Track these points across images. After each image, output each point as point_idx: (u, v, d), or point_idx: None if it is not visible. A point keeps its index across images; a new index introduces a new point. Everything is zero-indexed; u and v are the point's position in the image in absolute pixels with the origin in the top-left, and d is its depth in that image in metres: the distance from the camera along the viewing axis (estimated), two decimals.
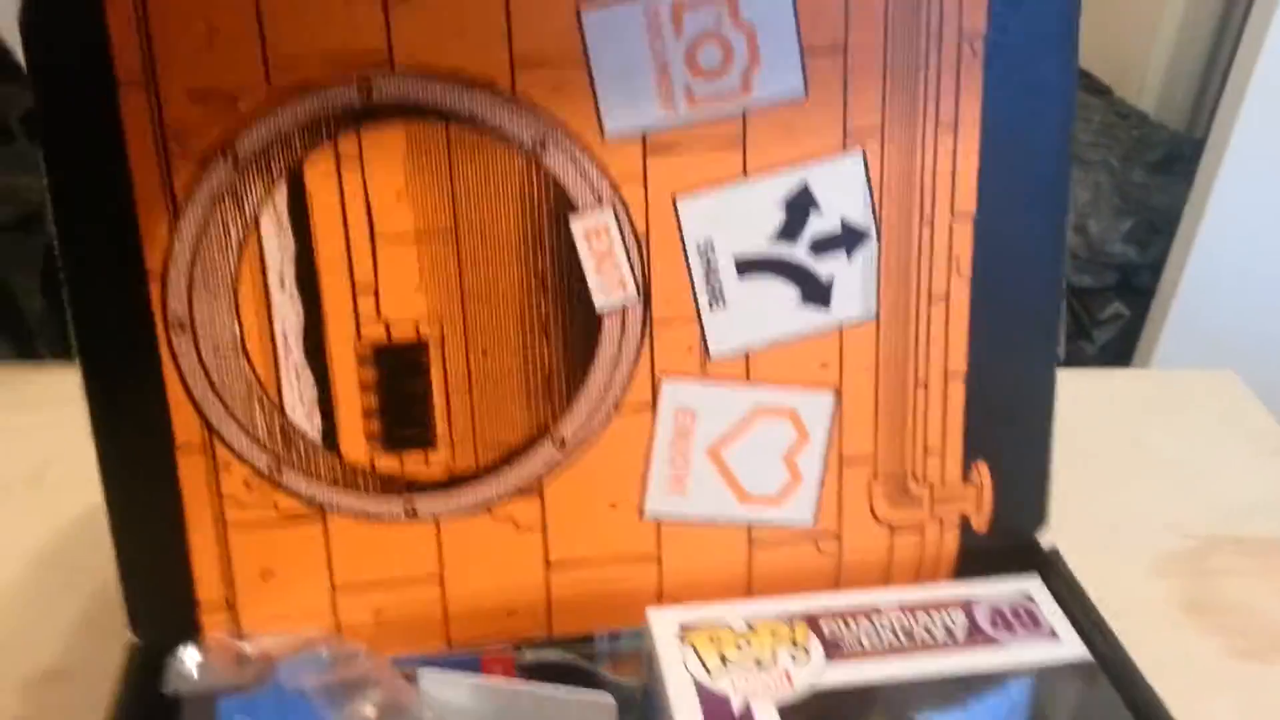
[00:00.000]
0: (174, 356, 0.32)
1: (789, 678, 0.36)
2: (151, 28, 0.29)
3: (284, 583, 0.35)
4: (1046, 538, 0.42)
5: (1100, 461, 0.64)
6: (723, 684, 0.35)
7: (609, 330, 0.35)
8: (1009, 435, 0.40)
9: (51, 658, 0.46)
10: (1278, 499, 0.61)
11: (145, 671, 0.33)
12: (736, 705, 0.34)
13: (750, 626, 0.37)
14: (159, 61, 0.30)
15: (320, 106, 0.31)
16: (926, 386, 0.38)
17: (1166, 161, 1.17)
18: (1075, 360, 1.15)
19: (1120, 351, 1.18)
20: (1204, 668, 0.50)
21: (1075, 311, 1.16)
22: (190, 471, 0.33)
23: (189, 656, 0.34)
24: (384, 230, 0.32)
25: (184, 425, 0.32)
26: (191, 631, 0.34)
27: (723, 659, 0.36)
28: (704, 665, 0.36)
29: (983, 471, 0.40)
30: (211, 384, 0.32)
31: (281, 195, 0.31)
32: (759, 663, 0.36)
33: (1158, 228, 1.14)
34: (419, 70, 0.31)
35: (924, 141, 0.36)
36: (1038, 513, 0.41)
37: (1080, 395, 0.67)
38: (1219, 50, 1.25)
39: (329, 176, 0.32)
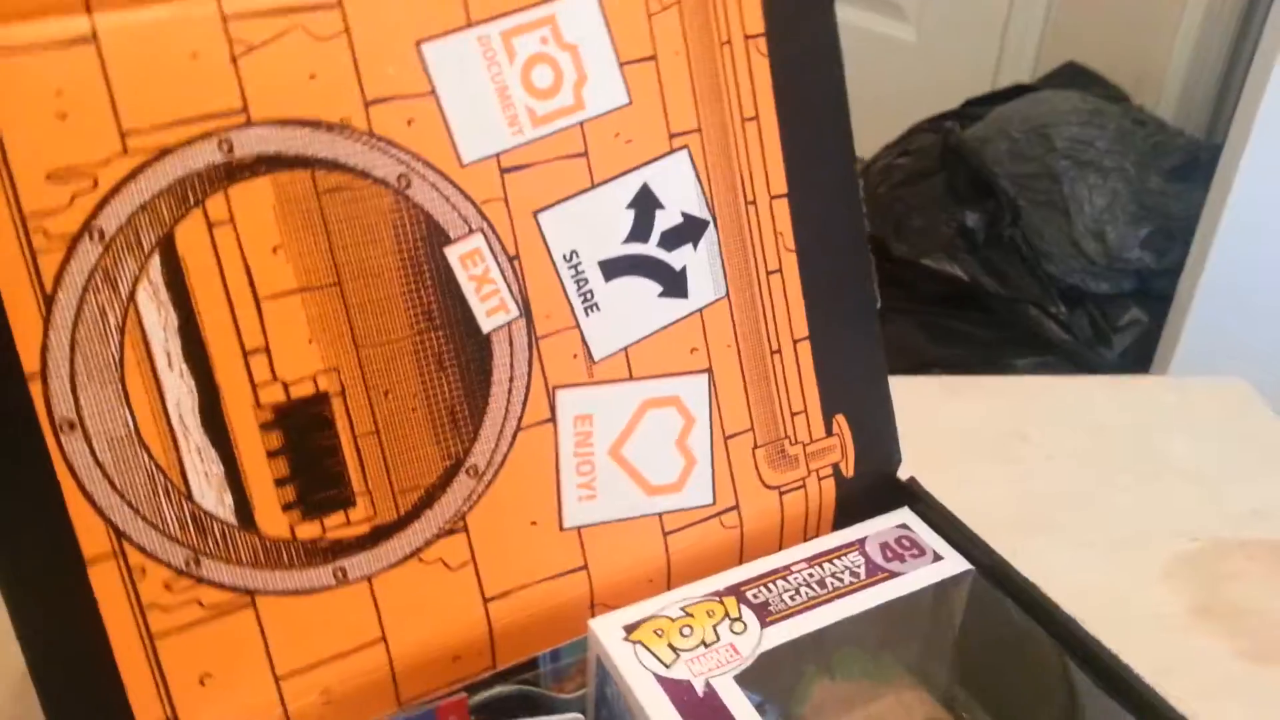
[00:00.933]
0: (66, 460, 0.29)
1: (735, 649, 0.37)
2: None
3: (224, 683, 0.32)
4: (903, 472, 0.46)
5: (1114, 467, 0.65)
6: (679, 670, 0.36)
7: (499, 351, 0.36)
8: (855, 386, 0.44)
9: None
10: None
11: None
12: (699, 686, 0.36)
13: (686, 612, 0.38)
14: (9, 148, 0.28)
15: (183, 169, 0.30)
16: (780, 353, 0.42)
17: (1184, 168, 1.15)
18: (1095, 367, 1.12)
19: (1139, 357, 1.16)
20: (1213, 671, 0.51)
21: (1093, 318, 1.14)
22: (104, 584, 0.30)
23: None
24: (266, 288, 0.32)
25: (90, 535, 0.30)
26: None
27: (672, 648, 0.37)
28: (657, 658, 0.36)
29: (841, 423, 0.44)
30: (112, 483, 0.30)
31: (155, 268, 0.30)
32: (705, 643, 0.37)
33: (1175, 234, 1.12)
34: (276, 120, 0.31)
35: (734, 135, 0.40)
36: (894, 452, 0.45)
37: (1096, 403, 0.71)
38: (1237, 57, 1.23)
39: (202, 241, 0.31)
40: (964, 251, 1.14)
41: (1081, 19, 1.44)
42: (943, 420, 0.68)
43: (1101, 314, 1.13)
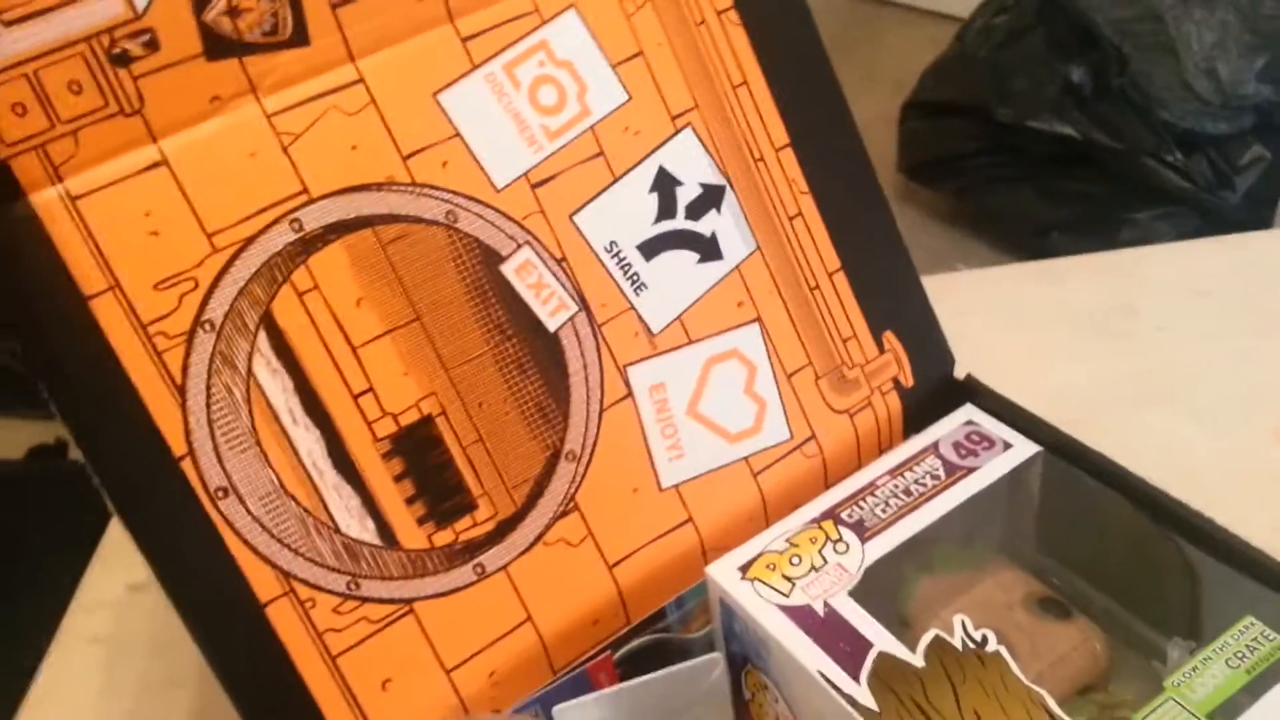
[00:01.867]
0: (227, 521, 0.34)
1: (843, 568, 0.41)
2: (100, 245, 0.32)
3: (403, 685, 0.36)
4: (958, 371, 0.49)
5: (1226, 331, 0.63)
6: (798, 597, 0.40)
7: (569, 345, 0.40)
8: (895, 302, 0.47)
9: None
10: None
11: None
12: (819, 608, 0.39)
13: (791, 543, 0.42)
14: (117, 270, 0.33)
15: (266, 253, 0.35)
16: (819, 288, 0.45)
17: None
18: (1218, 212, 1.08)
19: (1265, 197, 1.11)
20: None
21: (1213, 161, 1.09)
22: (282, 619, 0.35)
23: None
24: (359, 337, 0.36)
25: (260, 580, 0.34)
26: None
27: (786, 579, 0.40)
28: (775, 590, 0.40)
29: (890, 338, 0.47)
30: (270, 533, 0.35)
31: (264, 342, 0.35)
32: (814, 568, 0.41)
33: None
34: (333, 192, 0.36)
35: (729, 102, 0.43)
36: (946, 354, 0.48)
37: (1204, 265, 0.68)
38: None
39: (296, 310, 0.35)
40: (1072, 108, 1.09)
41: None
42: (1048, 305, 0.67)
43: (1221, 156, 1.08)
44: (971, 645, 0.37)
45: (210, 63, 0.34)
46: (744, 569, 0.41)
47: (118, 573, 0.53)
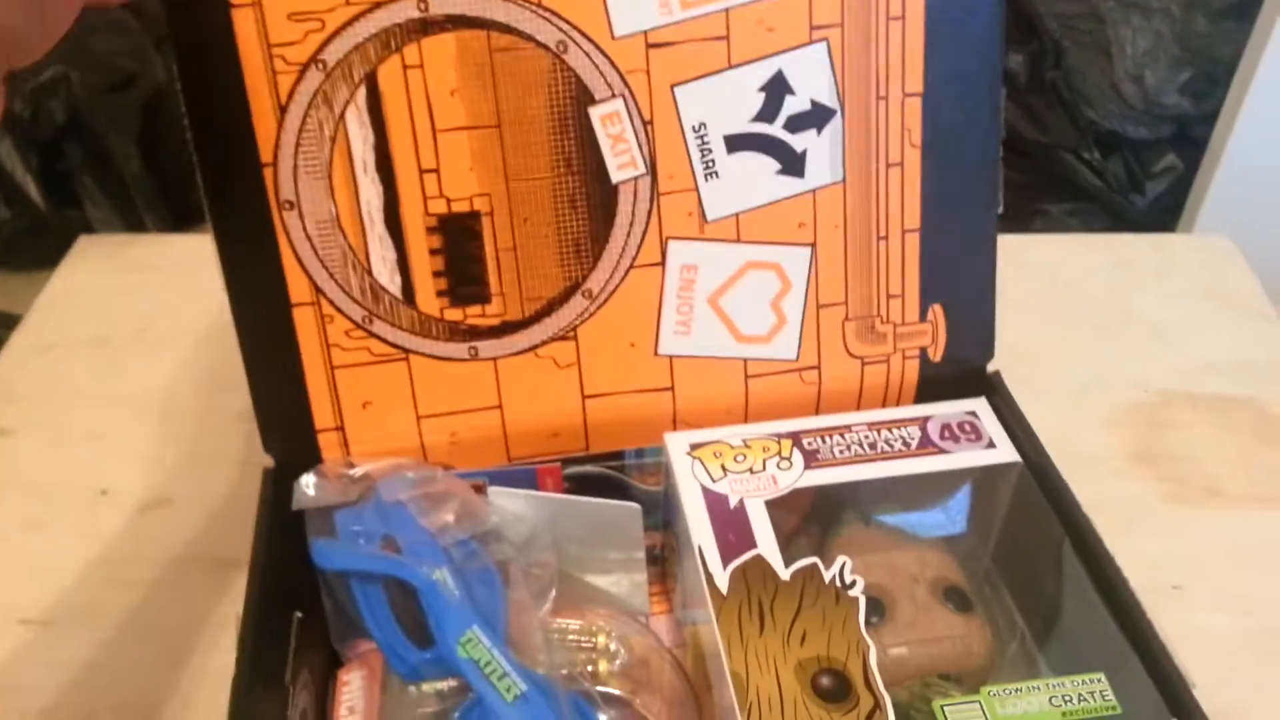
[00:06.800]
0: (285, 231, 0.40)
1: (775, 481, 0.44)
2: None
3: (379, 412, 0.43)
4: (992, 366, 0.50)
5: (1083, 320, 0.68)
6: (722, 486, 0.44)
7: (624, 200, 0.43)
8: (958, 281, 0.48)
9: (153, 489, 0.55)
10: (1241, 360, 0.65)
11: (281, 487, 0.41)
12: (733, 501, 0.43)
13: (745, 444, 0.46)
14: None
15: (389, 20, 0.39)
16: (886, 239, 0.46)
17: (1235, 7, 1.11)
18: (1126, 213, 1.13)
19: (1171, 205, 1.15)
20: (1139, 510, 0.56)
21: (1128, 164, 1.14)
22: (304, 324, 0.42)
23: (309, 480, 0.43)
24: (443, 122, 0.41)
25: (297, 287, 0.41)
26: (312, 451, 0.43)
27: (723, 469, 0.45)
28: (708, 473, 0.44)
29: (937, 312, 0.48)
30: (316, 252, 0.41)
31: (361, 96, 0.40)
32: (752, 470, 0.45)
33: (1217, 79, 1.09)
34: None
35: (877, 32, 0.44)
36: (985, 346, 0.49)
37: (1073, 259, 0.73)
38: None
39: (398, 79, 0.40)
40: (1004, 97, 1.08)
41: None
42: None
43: (1137, 160, 1.12)
44: (838, 584, 0.41)
45: None
46: (695, 447, 0.45)
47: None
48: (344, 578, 0.42)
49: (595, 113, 0.42)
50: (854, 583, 0.41)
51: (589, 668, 0.44)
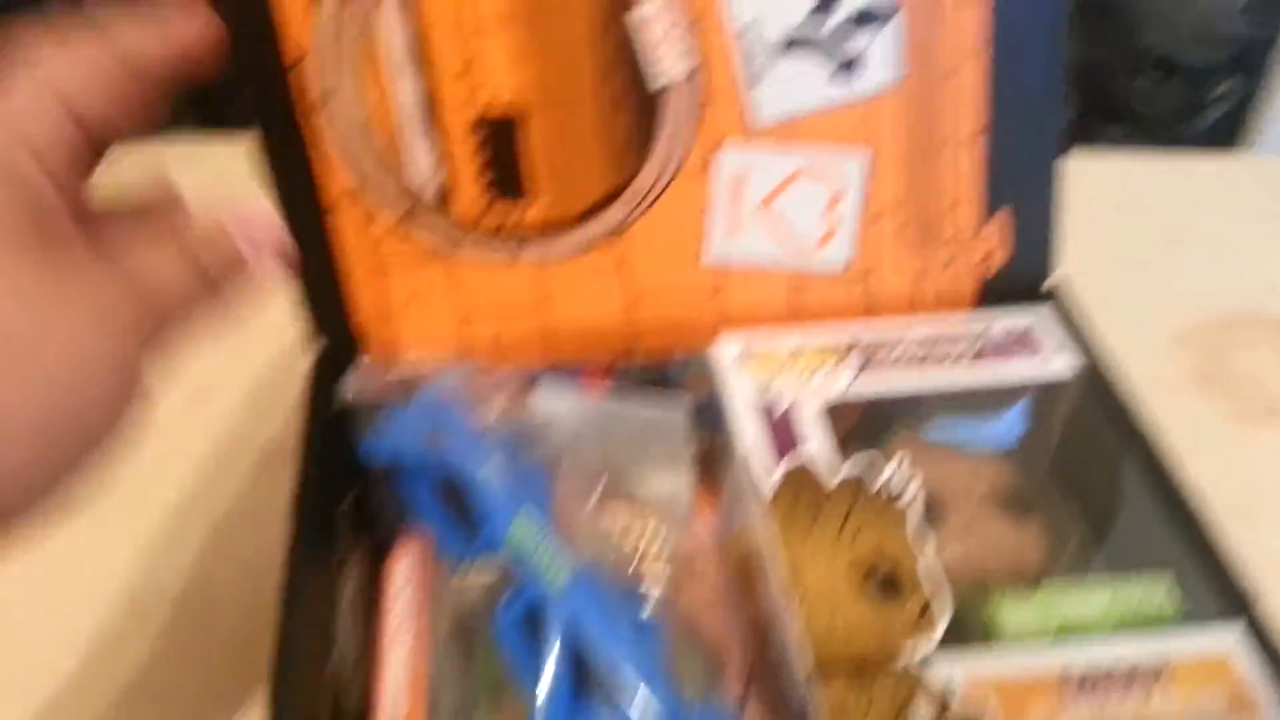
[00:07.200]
0: (320, 128, 0.40)
1: (825, 389, 0.44)
2: None
3: (423, 311, 0.44)
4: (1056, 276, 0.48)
5: (1146, 239, 0.68)
6: (771, 394, 0.43)
7: (670, 104, 0.42)
8: (1023, 189, 0.46)
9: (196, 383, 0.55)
10: None
11: (324, 382, 0.43)
12: (781, 407, 0.43)
13: (795, 351, 0.45)
14: None
15: None
16: (948, 143, 0.44)
17: None
18: (1180, 140, 1.08)
19: (1230, 131, 1.10)
20: (1201, 429, 0.55)
21: (1184, 90, 1.08)
22: (345, 221, 0.42)
23: (353, 376, 0.44)
24: (482, 19, 0.40)
25: (333, 185, 0.41)
26: (355, 348, 0.44)
27: (771, 376, 0.44)
28: (756, 380, 0.44)
29: (1001, 219, 0.46)
30: (351, 151, 0.41)
31: None
32: (801, 377, 0.44)
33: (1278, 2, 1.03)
34: None
35: None
36: (1049, 257, 0.47)
37: (1134, 179, 0.73)
38: None
39: None
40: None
41: None
42: None
43: (1193, 87, 1.05)
44: (889, 490, 0.40)
45: None
46: (743, 353, 0.45)
47: None
48: (392, 472, 0.43)
49: (636, 15, 0.40)
50: (907, 488, 0.40)
51: (635, 562, 0.45)
